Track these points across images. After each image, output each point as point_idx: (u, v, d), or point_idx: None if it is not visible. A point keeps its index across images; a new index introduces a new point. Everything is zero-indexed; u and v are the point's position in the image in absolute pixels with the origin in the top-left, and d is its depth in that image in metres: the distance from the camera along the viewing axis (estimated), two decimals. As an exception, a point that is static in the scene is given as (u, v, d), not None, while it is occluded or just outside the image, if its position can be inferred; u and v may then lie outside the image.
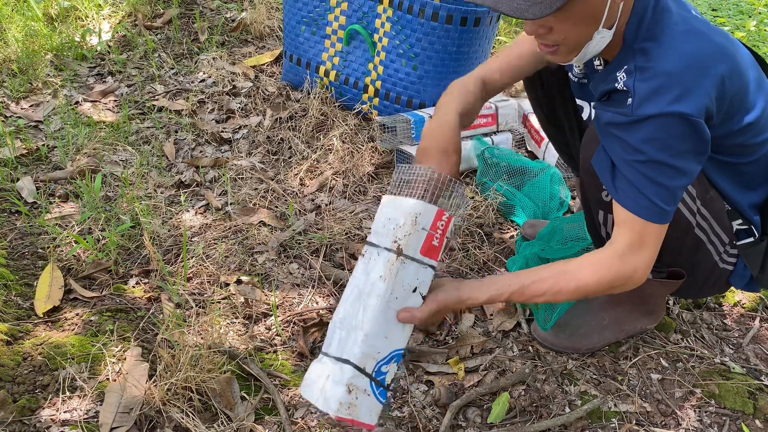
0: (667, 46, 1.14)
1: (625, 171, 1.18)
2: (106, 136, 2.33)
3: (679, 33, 1.15)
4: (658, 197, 1.17)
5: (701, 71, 1.12)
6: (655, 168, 1.15)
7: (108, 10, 3.19)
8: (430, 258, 1.21)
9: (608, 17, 1.15)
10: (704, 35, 1.16)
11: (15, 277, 1.70)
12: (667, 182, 1.16)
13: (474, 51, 2.31)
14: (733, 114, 1.20)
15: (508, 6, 1.08)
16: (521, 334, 1.64)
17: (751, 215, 1.37)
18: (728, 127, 1.22)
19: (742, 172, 1.32)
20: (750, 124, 1.24)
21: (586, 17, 1.14)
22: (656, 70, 1.13)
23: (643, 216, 1.18)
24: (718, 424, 1.44)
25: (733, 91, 1.17)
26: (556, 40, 1.18)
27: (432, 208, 1.21)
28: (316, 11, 2.49)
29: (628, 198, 1.19)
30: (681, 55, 1.13)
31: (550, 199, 2.01)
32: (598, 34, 1.17)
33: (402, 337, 1.21)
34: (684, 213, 1.32)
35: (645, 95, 1.13)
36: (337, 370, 1.16)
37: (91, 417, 1.33)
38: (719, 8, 4.30)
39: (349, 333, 1.18)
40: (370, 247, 1.24)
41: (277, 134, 2.39)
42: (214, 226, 1.94)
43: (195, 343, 1.45)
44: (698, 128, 1.13)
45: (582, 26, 1.15)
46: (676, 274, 1.46)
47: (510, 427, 1.39)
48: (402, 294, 1.19)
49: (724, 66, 1.15)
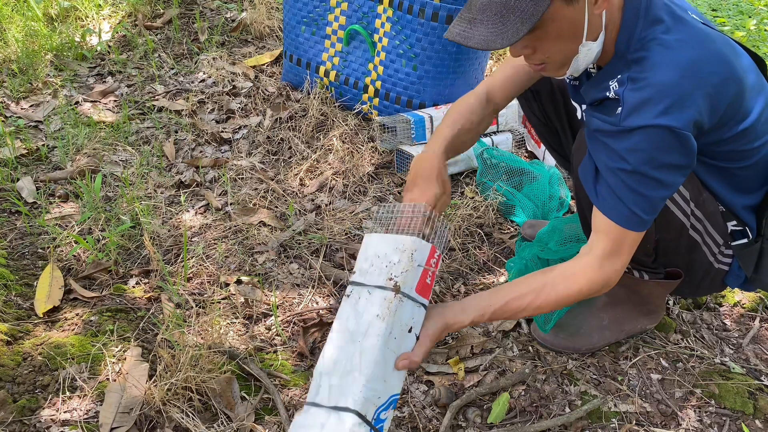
0: (660, 56, 1.13)
1: (608, 178, 1.18)
2: (106, 136, 2.33)
3: (673, 42, 1.14)
4: (637, 206, 1.17)
5: (694, 82, 1.11)
6: (637, 178, 1.15)
7: (108, 10, 3.19)
8: (423, 297, 1.17)
9: (590, 30, 1.15)
10: (699, 42, 1.15)
11: (15, 277, 1.70)
12: (647, 193, 1.16)
13: (474, 51, 2.31)
14: (727, 121, 1.20)
15: (477, 40, 1.10)
16: (521, 334, 1.64)
17: (746, 217, 1.37)
18: (721, 134, 1.21)
19: (737, 176, 1.32)
20: (745, 130, 1.23)
21: (565, 34, 1.14)
22: (648, 81, 1.12)
23: (622, 224, 1.19)
24: (718, 424, 1.44)
25: (729, 99, 1.17)
26: (542, 59, 1.20)
27: (426, 245, 1.18)
28: (316, 11, 2.49)
29: (608, 205, 1.19)
30: (674, 65, 1.12)
31: (550, 200, 2.01)
32: (584, 47, 1.17)
33: (399, 381, 1.14)
34: (678, 215, 1.32)
35: (634, 106, 1.13)
36: (333, 419, 1.07)
37: (91, 417, 1.33)
38: (719, 8, 4.30)
39: (344, 379, 1.09)
40: (357, 287, 1.17)
41: (277, 134, 2.39)
42: (214, 226, 1.94)
43: (195, 343, 1.45)
44: (684, 141, 1.13)
45: (562, 43, 1.16)
46: (674, 274, 1.46)
47: (510, 427, 1.39)
48: (399, 334, 1.13)
49: (719, 73, 1.14)
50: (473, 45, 1.10)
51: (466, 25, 1.12)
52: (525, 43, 1.15)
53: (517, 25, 1.07)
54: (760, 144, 1.27)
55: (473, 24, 1.11)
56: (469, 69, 2.35)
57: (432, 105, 2.31)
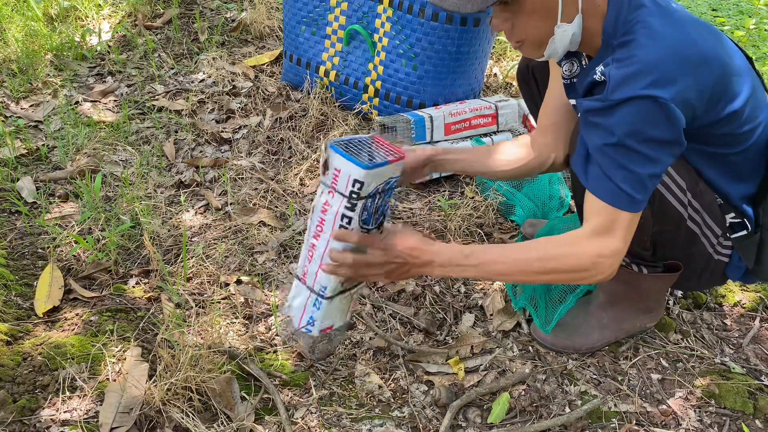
0: (646, 38, 1.15)
1: (597, 157, 1.19)
2: (106, 136, 2.34)
3: (658, 25, 1.16)
4: (626, 183, 1.17)
5: (679, 58, 1.13)
6: (624, 152, 1.15)
7: (108, 10, 3.19)
8: None
9: (565, 12, 1.20)
10: (683, 25, 1.18)
11: (15, 277, 1.70)
12: (635, 168, 1.16)
13: (474, 51, 2.31)
14: (717, 101, 1.21)
15: (450, 3, 1.18)
16: (521, 334, 1.64)
17: (744, 207, 1.37)
18: (713, 115, 1.22)
19: (731, 163, 1.32)
20: (735, 112, 1.24)
21: (538, 11, 1.19)
22: (634, 59, 1.14)
23: (611, 202, 1.18)
24: (718, 424, 1.44)
25: (714, 77, 1.18)
26: (519, 37, 1.25)
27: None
28: (316, 11, 2.49)
29: (597, 185, 1.19)
30: (660, 44, 1.14)
31: (550, 200, 2.01)
32: (558, 28, 1.21)
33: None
34: (675, 205, 1.33)
35: (620, 80, 1.14)
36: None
37: (91, 417, 1.33)
38: (719, 8, 4.30)
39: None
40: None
41: (277, 134, 2.39)
42: (214, 226, 1.94)
43: (195, 343, 1.45)
44: (671, 114, 1.13)
45: (537, 21, 1.21)
46: (673, 267, 1.46)
47: (510, 427, 1.39)
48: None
49: (703, 53, 1.16)
50: (447, 7, 1.18)
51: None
52: (503, 17, 1.22)
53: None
54: (749, 128, 1.28)
55: None
56: (469, 69, 2.35)
57: (432, 105, 2.31)
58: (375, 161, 1.20)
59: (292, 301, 1.33)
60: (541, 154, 1.58)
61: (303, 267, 1.31)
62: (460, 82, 2.35)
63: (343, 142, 1.23)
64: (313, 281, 1.29)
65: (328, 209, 1.23)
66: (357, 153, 1.21)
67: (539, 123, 1.61)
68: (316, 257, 1.27)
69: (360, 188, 1.19)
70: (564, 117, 1.53)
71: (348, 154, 1.19)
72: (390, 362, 1.54)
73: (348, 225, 1.23)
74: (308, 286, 1.30)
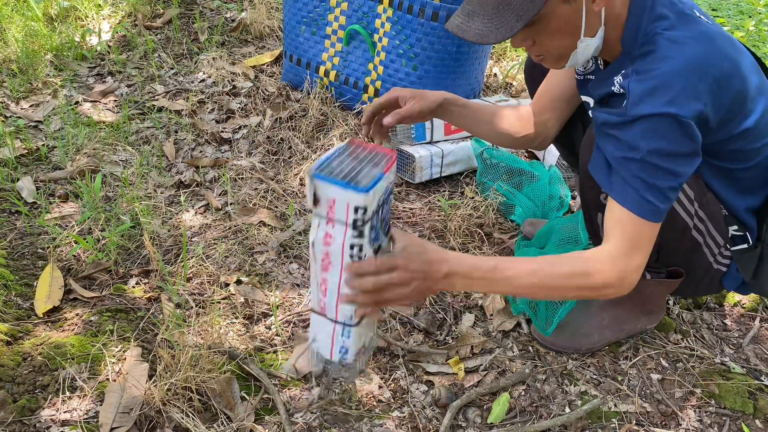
0: (667, 50, 1.14)
1: (620, 168, 1.18)
2: (106, 136, 2.34)
3: (679, 36, 1.15)
4: (651, 194, 1.17)
5: (699, 75, 1.12)
6: (647, 168, 1.15)
7: (108, 10, 3.19)
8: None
9: (588, 27, 1.18)
10: (705, 39, 1.16)
11: (15, 277, 1.70)
12: (658, 183, 1.16)
13: (474, 51, 2.31)
14: (732, 118, 1.21)
15: (473, 33, 1.14)
16: (521, 334, 1.64)
17: (748, 220, 1.37)
18: (727, 132, 1.22)
19: (739, 178, 1.33)
20: (749, 129, 1.24)
21: (562, 30, 1.17)
22: (654, 73, 1.13)
23: (637, 212, 1.17)
24: (718, 424, 1.44)
25: (733, 93, 1.17)
26: (540, 52, 1.23)
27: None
28: (316, 11, 2.49)
29: (624, 194, 1.18)
30: (680, 58, 1.13)
31: (550, 199, 2.01)
32: (581, 43, 1.20)
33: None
34: (681, 214, 1.33)
35: (640, 95, 1.13)
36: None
37: (91, 417, 1.33)
38: (719, 8, 4.30)
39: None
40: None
41: (277, 134, 2.39)
42: (214, 226, 1.94)
43: (195, 343, 1.45)
44: (689, 130, 1.13)
45: (560, 38, 1.19)
46: (675, 273, 1.47)
47: (510, 427, 1.39)
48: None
49: (724, 68, 1.15)
50: (469, 38, 1.14)
51: (465, 18, 1.15)
52: (524, 36, 1.19)
53: (512, 21, 1.10)
54: (761, 144, 1.28)
55: (471, 17, 1.14)
56: (469, 69, 2.35)
57: (432, 105, 2.31)
58: (371, 179, 1.05)
59: (316, 335, 1.22)
60: (537, 131, 1.61)
61: (319, 301, 1.18)
62: (460, 82, 2.35)
63: (324, 166, 1.07)
64: (335, 313, 1.17)
65: (332, 241, 1.09)
66: (347, 174, 1.05)
67: (538, 101, 1.59)
68: (331, 290, 1.15)
69: (363, 213, 1.05)
70: (566, 103, 1.55)
71: (338, 180, 1.03)
72: (390, 362, 1.54)
73: (360, 252, 1.09)
74: (330, 318, 1.18)
